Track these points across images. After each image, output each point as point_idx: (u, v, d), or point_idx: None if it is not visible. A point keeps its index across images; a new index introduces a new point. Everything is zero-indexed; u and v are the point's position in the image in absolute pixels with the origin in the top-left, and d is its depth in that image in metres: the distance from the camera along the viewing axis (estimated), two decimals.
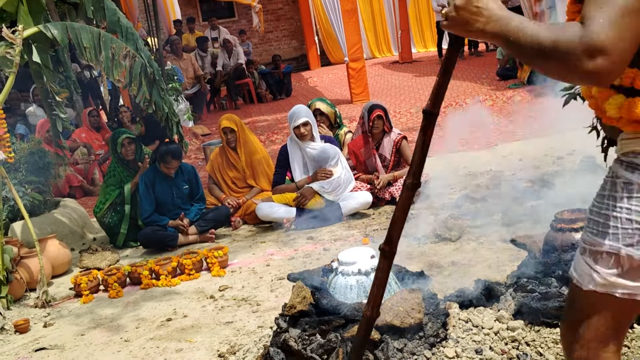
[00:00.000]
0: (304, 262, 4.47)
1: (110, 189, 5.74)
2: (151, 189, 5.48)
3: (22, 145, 6.07)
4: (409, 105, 10.35)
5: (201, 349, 3.36)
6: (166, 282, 4.53)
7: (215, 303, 4.02)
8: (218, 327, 3.63)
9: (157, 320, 3.89)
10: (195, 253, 4.80)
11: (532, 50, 1.32)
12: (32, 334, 3.96)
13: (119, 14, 5.27)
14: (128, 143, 5.74)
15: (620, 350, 1.59)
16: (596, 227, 1.51)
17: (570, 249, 2.84)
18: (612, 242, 1.47)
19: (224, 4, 17.56)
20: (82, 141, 8.58)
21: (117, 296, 4.44)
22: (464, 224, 4.69)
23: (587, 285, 1.52)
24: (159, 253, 5.27)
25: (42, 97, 5.46)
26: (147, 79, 5.03)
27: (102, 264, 5.06)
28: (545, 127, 7.85)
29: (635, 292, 1.48)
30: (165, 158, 5.40)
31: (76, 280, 4.54)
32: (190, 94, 11.98)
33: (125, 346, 3.58)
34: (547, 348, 2.64)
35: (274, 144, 9.19)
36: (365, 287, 2.86)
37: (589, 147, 6.39)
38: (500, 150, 6.96)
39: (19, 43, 4.37)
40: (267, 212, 5.53)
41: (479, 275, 3.31)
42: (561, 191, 4.84)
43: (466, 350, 2.66)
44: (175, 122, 5.40)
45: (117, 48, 4.85)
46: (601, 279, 1.49)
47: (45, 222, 5.66)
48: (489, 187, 5.34)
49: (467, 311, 2.94)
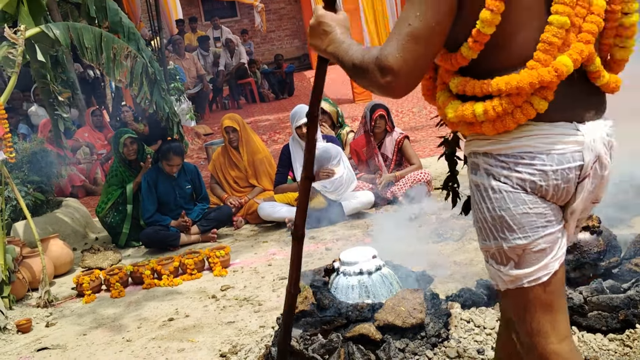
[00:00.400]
0: (305, 262, 4.46)
1: (112, 188, 5.74)
2: (154, 189, 5.48)
3: (25, 145, 6.07)
4: (411, 104, 10.35)
5: (203, 349, 3.36)
6: (168, 281, 4.53)
7: (217, 303, 4.02)
8: (220, 327, 3.63)
9: (159, 320, 3.89)
10: (197, 253, 4.81)
11: (351, 68, 1.57)
12: (34, 334, 3.97)
13: (121, 14, 5.28)
14: (130, 143, 5.74)
15: (567, 337, 1.59)
16: (480, 233, 1.63)
17: (572, 249, 2.83)
18: (494, 241, 1.58)
19: (226, 4, 17.56)
20: (84, 141, 8.59)
21: (119, 296, 4.44)
22: (465, 223, 4.68)
23: (502, 287, 1.61)
24: (161, 253, 5.27)
25: (44, 97, 5.47)
26: (148, 79, 5.03)
27: (104, 264, 5.06)
28: None
29: (538, 275, 1.55)
30: (167, 155, 5.40)
31: (78, 280, 4.55)
32: (192, 93, 11.99)
33: (127, 346, 3.58)
34: None
35: (276, 143, 9.19)
36: (367, 287, 2.86)
37: None
38: None
39: (21, 43, 4.38)
40: (269, 212, 5.53)
41: (481, 275, 3.30)
42: None
43: (468, 350, 2.66)
44: (176, 122, 5.41)
45: (119, 48, 4.85)
46: (506, 276, 1.58)
47: (47, 221, 5.67)
48: None
49: (469, 311, 2.94)
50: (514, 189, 1.53)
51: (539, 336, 1.57)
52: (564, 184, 1.53)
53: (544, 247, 1.55)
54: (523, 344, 1.63)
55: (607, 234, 2.90)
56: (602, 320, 2.67)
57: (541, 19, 1.50)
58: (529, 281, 1.56)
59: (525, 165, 1.52)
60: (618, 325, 2.66)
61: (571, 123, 1.53)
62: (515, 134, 1.52)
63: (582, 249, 2.81)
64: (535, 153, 1.51)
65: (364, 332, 2.58)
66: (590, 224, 2.87)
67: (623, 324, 2.66)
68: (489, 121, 1.51)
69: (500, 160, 1.54)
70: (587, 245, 2.82)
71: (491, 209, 1.56)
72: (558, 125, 1.52)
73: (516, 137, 1.52)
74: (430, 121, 9.44)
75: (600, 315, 2.68)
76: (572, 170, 1.53)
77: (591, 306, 2.71)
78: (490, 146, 1.55)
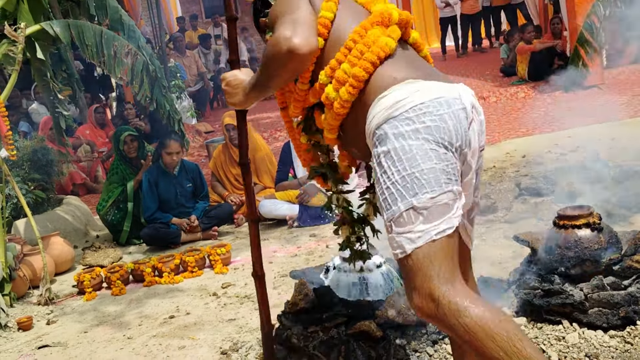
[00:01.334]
0: (306, 259, 4.47)
1: (113, 186, 5.74)
2: (155, 187, 5.48)
3: (25, 142, 6.08)
4: None
5: (204, 346, 3.36)
6: (169, 279, 4.53)
7: (218, 300, 4.02)
8: (221, 324, 3.63)
9: (160, 318, 3.89)
10: (198, 250, 4.81)
11: (266, 72, 1.89)
12: (35, 332, 3.97)
13: (122, 11, 5.28)
14: (131, 140, 5.74)
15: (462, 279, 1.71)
16: (387, 203, 1.74)
17: (573, 245, 2.83)
18: (403, 203, 1.70)
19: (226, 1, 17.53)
20: (85, 138, 8.60)
21: (120, 293, 4.44)
22: None
23: (409, 248, 1.68)
24: (162, 250, 5.28)
25: (45, 94, 5.47)
26: (148, 76, 5.04)
27: (105, 262, 5.07)
28: (549, 123, 7.84)
29: (444, 227, 1.68)
30: (165, 142, 5.40)
31: (79, 278, 4.55)
32: (193, 91, 11.98)
33: (128, 343, 3.58)
34: (550, 345, 2.63)
35: (277, 141, 9.18)
36: (367, 284, 2.85)
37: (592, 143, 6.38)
38: (503, 147, 6.94)
39: (21, 41, 4.38)
40: (270, 209, 5.53)
41: (482, 272, 3.30)
42: (564, 188, 4.82)
43: None
44: (177, 120, 5.41)
45: (119, 46, 4.86)
46: (415, 234, 1.68)
47: (48, 219, 5.67)
48: (492, 184, 5.32)
49: None
50: (422, 143, 1.69)
51: (449, 283, 1.64)
52: (458, 124, 1.73)
53: (447, 201, 1.70)
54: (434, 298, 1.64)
55: (607, 231, 2.89)
56: (603, 317, 2.67)
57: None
58: (437, 233, 1.67)
59: (425, 114, 1.71)
60: (619, 322, 2.65)
61: (442, 82, 1.81)
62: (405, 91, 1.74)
63: (583, 246, 2.81)
64: (428, 102, 1.72)
65: (364, 329, 2.58)
66: (591, 221, 2.86)
67: (624, 321, 2.65)
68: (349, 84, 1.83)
69: (404, 118, 1.72)
70: (587, 242, 2.82)
71: (401, 169, 1.70)
72: (434, 82, 1.79)
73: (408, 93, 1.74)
74: None
75: (601, 312, 2.68)
76: (460, 112, 1.75)
77: (592, 303, 2.71)
78: (389, 110, 1.74)
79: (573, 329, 2.69)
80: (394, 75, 1.80)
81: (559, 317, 2.74)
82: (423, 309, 1.66)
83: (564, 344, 2.62)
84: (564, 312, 2.74)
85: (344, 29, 1.92)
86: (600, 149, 5.91)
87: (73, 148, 8.10)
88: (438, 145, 1.70)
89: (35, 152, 5.85)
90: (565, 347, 2.60)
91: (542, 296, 2.78)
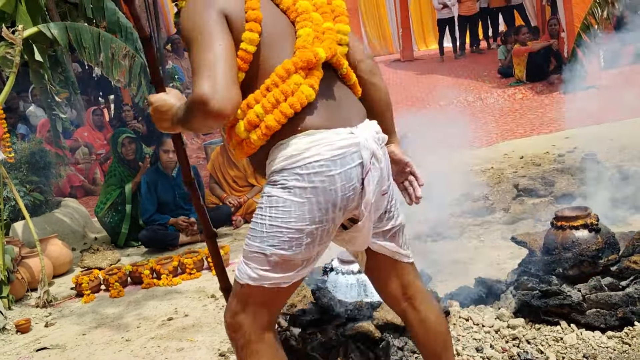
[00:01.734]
0: None
1: (111, 188, 5.74)
2: (153, 189, 5.48)
3: (23, 145, 6.07)
4: (410, 103, 10.35)
5: (202, 348, 3.36)
6: (167, 281, 4.53)
7: (216, 302, 4.02)
8: (219, 326, 3.63)
9: (158, 320, 3.89)
10: (196, 252, 4.81)
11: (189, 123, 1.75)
12: (33, 334, 3.96)
13: (119, 13, 5.28)
14: (128, 142, 5.74)
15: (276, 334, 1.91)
16: (251, 233, 1.83)
17: (571, 246, 2.84)
18: (259, 245, 1.78)
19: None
20: (84, 141, 8.59)
21: (118, 296, 4.44)
22: (464, 222, 4.68)
23: (245, 280, 1.82)
24: (160, 252, 5.27)
25: (42, 97, 5.46)
26: (146, 78, 5.03)
27: (103, 264, 5.06)
28: (547, 124, 7.85)
29: (281, 282, 1.80)
30: (162, 140, 5.41)
31: (77, 280, 4.54)
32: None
33: (126, 345, 3.58)
34: (548, 346, 2.64)
35: None
36: (365, 285, 2.86)
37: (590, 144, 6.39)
38: (501, 148, 6.95)
39: (19, 43, 4.37)
40: None
41: (480, 273, 3.30)
42: (562, 189, 4.83)
43: (467, 348, 2.66)
44: None
45: (117, 48, 4.85)
46: (255, 274, 1.80)
47: (46, 222, 5.66)
48: (490, 185, 5.33)
49: (467, 309, 2.94)
50: (304, 201, 1.74)
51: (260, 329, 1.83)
52: (347, 183, 1.76)
53: (297, 262, 1.79)
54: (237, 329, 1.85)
55: (605, 232, 2.90)
56: (601, 318, 2.67)
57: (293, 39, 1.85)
58: (270, 284, 1.79)
59: (316, 174, 1.73)
60: (617, 322, 2.66)
61: (345, 128, 1.79)
62: (303, 145, 1.74)
63: (581, 247, 2.81)
64: (323, 161, 1.74)
65: (363, 331, 2.58)
66: (588, 222, 2.87)
67: (621, 322, 2.66)
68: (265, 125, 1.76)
69: (295, 174, 1.74)
70: (585, 242, 2.82)
71: (274, 217, 1.76)
72: (336, 131, 1.77)
73: (305, 148, 1.74)
74: (430, 120, 9.44)
75: (598, 312, 2.69)
76: (354, 170, 1.77)
77: (590, 304, 2.71)
78: (285, 162, 1.75)
79: (571, 329, 2.70)
80: (299, 123, 1.77)
81: (557, 318, 2.75)
82: (227, 326, 1.89)
83: (562, 344, 2.62)
84: (562, 313, 2.74)
85: (266, 60, 1.81)
86: (598, 150, 5.92)
87: (71, 150, 8.10)
88: (319, 207, 1.75)
89: (33, 155, 5.85)
90: (563, 348, 2.60)
91: (540, 297, 2.78)
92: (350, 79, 1.93)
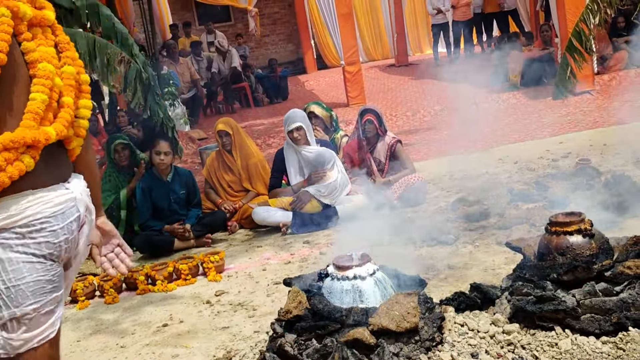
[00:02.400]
0: (300, 267, 4.47)
1: (106, 194, 5.72)
2: (148, 195, 5.47)
3: None
4: (405, 108, 10.37)
5: (197, 355, 3.36)
6: (162, 287, 4.52)
7: (211, 308, 4.02)
8: (214, 332, 3.62)
9: (153, 326, 3.88)
10: (191, 258, 4.80)
11: None
12: None
13: (114, 19, 5.29)
14: (122, 149, 5.73)
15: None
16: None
17: (565, 252, 2.85)
18: (7, 311, 1.76)
19: (220, 8, 17.56)
20: None
21: (113, 302, 4.43)
22: (459, 226, 4.69)
23: (13, 352, 1.78)
24: (155, 258, 5.26)
25: None
26: (142, 84, 5.04)
27: (97, 270, 5.04)
28: (541, 129, 7.89)
29: (46, 333, 1.81)
30: (154, 142, 5.40)
31: (72, 286, 4.53)
32: (186, 98, 11.96)
33: (121, 352, 3.57)
34: (543, 351, 2.64)
35: (271, 147, 9.19)
36: (360, 291, 2.86)
37: (584, 149, 6.42)
38: (495, 153, 6.98)
39: None
40: (264, 217, 5.52)
41: (475, 279, 3.31)
42: (556, 194, 4.85)
43: (462, 354, 2.66)
44: (170, 127, 5.41)
45: (112, 54, 4.86)
46: (17, 342, 1.78)
47: None
48: (485, 190, 5.34)
49: (462, 315, 2.94)
50: (30, 257, 1.76)
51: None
52: (70, 235, 1.85)
53: (50, 308, 1.82)
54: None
55: (599, 237, 2.91)
56: (595, 323, 2.68)
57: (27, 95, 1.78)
58: (39, 340, 1.79)
59: (38, 231, 1.77)
60: (611, 328, 2.66)
61: (61, 184, 1.86)
62: (22, 205, 1.75)
63: (575, 252, 2.82)
64: (44, 218, 1.78)
65: (358, 337, 2.58)
66: (582, 227, 2.88)
67: (616, 327, 2.66)
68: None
69: (15, 233, 1.75)
70: (579, 248, 2.83)
71: (7, 280, 1.75)
72: (53, 188, 1.83)
73: (24, 207, 1.75)
74: (424, 124, 9.47)
75: (593, 318, 2.69)
76: (74, 223, 1.86)
77: (584, 309, 2.72)
78: (2, 222, 1.73)
79: (566, 335, 2.70)
80: (17, 184, 1.75)
81: (551, 324, 2.75)
82: None
83: (557, 350, 2.63)
84: (557, 319, 2.74)
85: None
86: (592, 155, 5.94)
87: None
88: (46, 259, 1.80)
89: None
90: (558, 354, 2.61)
91: (535, 302, 2.79)
92: (71, 143, 1.95)
